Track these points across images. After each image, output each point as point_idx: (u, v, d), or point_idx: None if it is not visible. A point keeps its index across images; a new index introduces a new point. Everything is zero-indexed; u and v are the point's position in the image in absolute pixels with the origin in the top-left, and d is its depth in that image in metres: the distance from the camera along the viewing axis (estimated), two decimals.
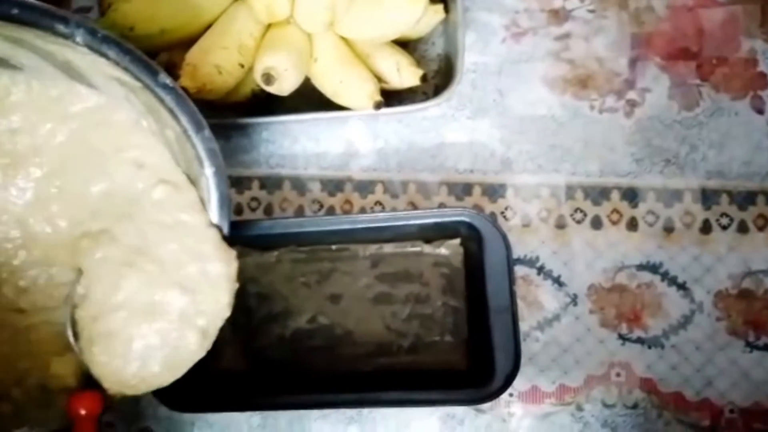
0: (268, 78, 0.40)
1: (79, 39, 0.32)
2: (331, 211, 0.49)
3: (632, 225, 0.48)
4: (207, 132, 0.35)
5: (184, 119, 0.34)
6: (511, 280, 0.40)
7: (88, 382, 0.36)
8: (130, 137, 0.37)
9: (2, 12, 0.31)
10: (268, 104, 0.46)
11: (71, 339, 0.36)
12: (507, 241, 0.40)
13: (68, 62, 0.34)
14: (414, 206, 0.49)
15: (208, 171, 0.35)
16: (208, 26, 0.42)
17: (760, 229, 0.47)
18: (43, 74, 0.36)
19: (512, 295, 0.39)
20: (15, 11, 0.31)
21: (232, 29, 0.42)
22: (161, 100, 0.34)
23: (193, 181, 0.37)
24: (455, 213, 0.41)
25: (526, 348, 0.47)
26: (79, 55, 0.33)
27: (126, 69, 0.33)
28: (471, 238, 0.42)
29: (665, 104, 0.48)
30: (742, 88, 0.48)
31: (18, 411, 0.36)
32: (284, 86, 0.41)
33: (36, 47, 0.33)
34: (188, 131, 0.34)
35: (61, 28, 0.32)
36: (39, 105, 0.36)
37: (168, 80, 0.34)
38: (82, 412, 0.34)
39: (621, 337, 0.47)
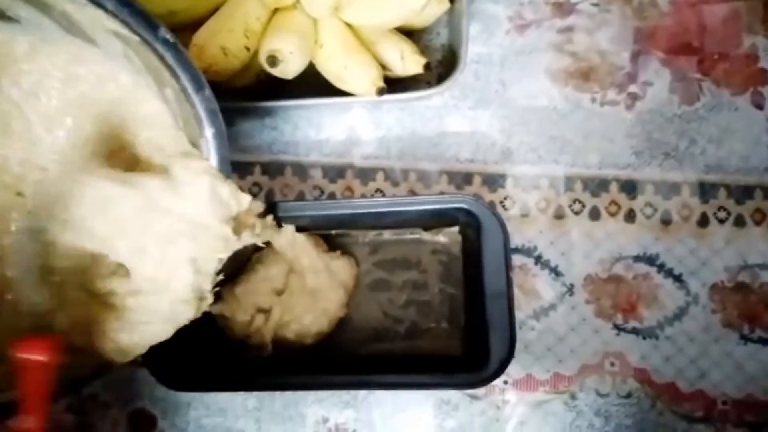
0: (273, 60, 0.41)
1: None
2: (332, 197, 0.50)
3: (630, 217, 0.48)
4: (207, 91, 0.33)
5: (184, 77, 0.33)
6: (508, 265, 0.40)
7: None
8: (139, 107, 0.36)
9: None
10: (272, 90, 0.47)
11: None
12: (504, 226, 0.40)
13: (66, 14, 0.33)
14: (414, 194, 0.49)
15: (208, 132, 0.34)
16: (216, 9, 0.43)
17: (757, 223, 0.47)
18: (41, 29, 0.35)
19: (508, 280, 0.40)
20: None
21: (239, 12, 0.42)
22: (161, 57, 0.32)
23: (194, 144, 0.36)
24: (454, 200, 0.41)
25: (522, 336, 0.47)
26: (77, 6, 0.32)
27: (125, 22, 0.32)
28: (469, 225, 0.42)
29: (666, 98, 0.49)
30: (742, 84, 0.49)
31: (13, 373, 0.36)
32: (289, 69, 0.42)
33: (35, 1, 0.33)
34: (188, 90, 0.33)
35: None
36: (47, 69, 0.36)
37: (168, 35, 0.32)
38: (32, 357, 0.29)
39: (616, 327, 0.47)
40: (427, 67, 0.45)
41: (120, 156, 0.38)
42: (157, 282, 0.35)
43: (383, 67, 0.45)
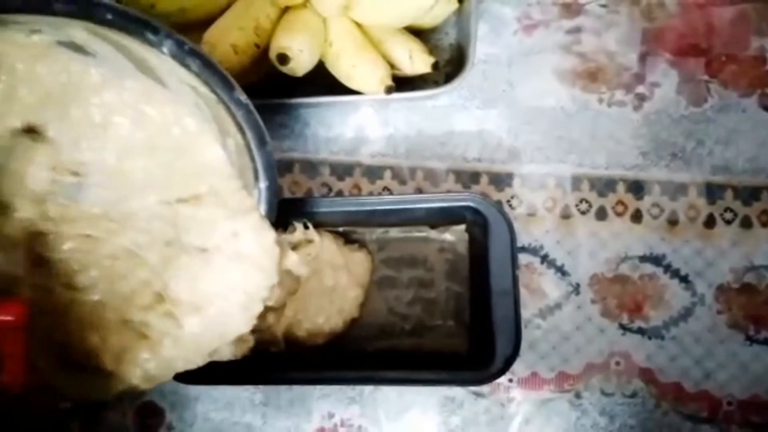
0: (283, 58, 0.41)
1: (165, 49, 0.32)
2: (339, 195, 0.50)
3: (637, 217, 0.48)
4: (269, 147, 0.36)
5: (250, 134, 0.35)
6: (514, 263, 0.40)
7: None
8: (201, 154, 0.36)
9: (96, 16, 0.31)
10: (281, 88, 0.47)
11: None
12: (511, 224, 0.40)
13: (144, 60, 0.34)
14: (421, 192, 0.50)
15: (263, 184, 0.37)
16: (227, 7, 0.43)
17: (764, 224, 0.47)
18: (114, 64, 0.35)
19: (514, 278, 0.40)
20: (108, 16, 0.31)
21: (250, 10, 0.43)
22: (232, 114, 0.34)
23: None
24: (461, 198, 0.42)
25: (527, 335, 0.47)
26: (160, 60, 0.33)
27: (205, 81, 0.33)
28: (476, 223, 0.42)
29: (673, 99, 0.49)
30: (750, 86, 0.49)
31: (42, 383, 0.36)
32: (298, 67, 0.42)
33: (115, 42, 0.33)
34: (251, 145, 0.35)
35: (150, 36, 0.32)
36: (115, 104, 0.36)
37: (243, 97, 0.34)
38: (7, 319, 0.30)
39: (622, 326, 0.47)
40: (435, 66, 0.46)
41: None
42: (206, 333, 0.36)
43: (392, 66, 0.45)
